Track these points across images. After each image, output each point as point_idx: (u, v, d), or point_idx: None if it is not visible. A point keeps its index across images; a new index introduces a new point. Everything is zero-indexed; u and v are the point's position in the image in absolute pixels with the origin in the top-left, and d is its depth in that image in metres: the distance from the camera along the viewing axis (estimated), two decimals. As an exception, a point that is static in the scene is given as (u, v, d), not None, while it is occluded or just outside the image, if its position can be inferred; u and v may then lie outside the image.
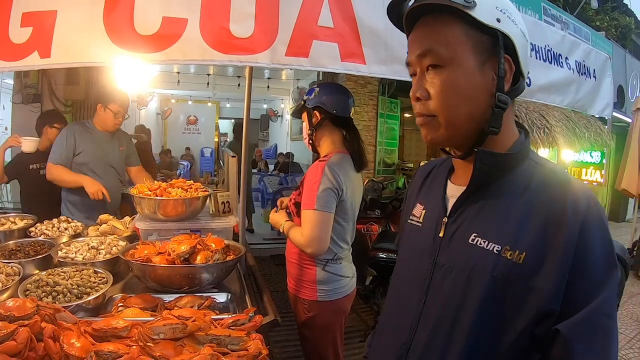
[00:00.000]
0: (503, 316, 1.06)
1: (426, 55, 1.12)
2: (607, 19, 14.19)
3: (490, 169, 1.14)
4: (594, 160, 11.06)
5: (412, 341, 1.23)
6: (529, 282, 1.02)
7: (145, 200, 2.79)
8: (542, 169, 1.15)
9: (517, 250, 1.04)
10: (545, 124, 6.70)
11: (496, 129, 1.11)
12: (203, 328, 1.69)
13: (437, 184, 1.35)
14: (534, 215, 1.06)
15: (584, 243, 1.00)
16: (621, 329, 5.65)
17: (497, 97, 1.09)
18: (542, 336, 1.02)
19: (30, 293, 1.96)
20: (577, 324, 0.99)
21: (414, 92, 1.15)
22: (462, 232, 1.17)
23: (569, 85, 4.03)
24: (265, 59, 2.41)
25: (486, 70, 1.10)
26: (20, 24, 2.21)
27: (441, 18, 1.11)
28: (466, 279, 1.12)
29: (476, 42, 1.09)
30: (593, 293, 0.99)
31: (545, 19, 7.76)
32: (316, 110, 2.71)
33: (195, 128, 17.82)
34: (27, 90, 5.69)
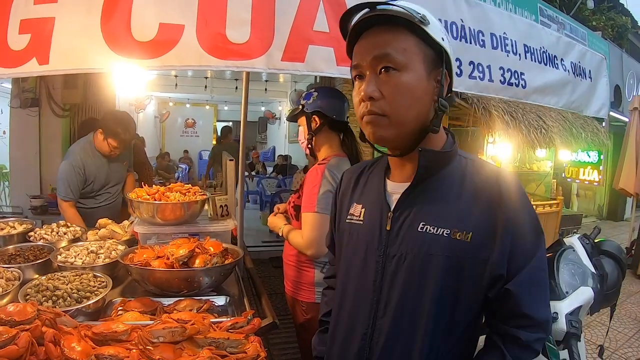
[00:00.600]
0: (460, 290, 1.28)
1: (382, 59, 1.26)
2: (603, 19, 14.18)
3: (432, 164, 1.32)
4: (591, 160, 11.08)
5: (373, 331, 1.37)
6: (478, 256, 1.26)
7: (144, 205, 2.79)
8: (473, 163, 1.38)
9: (464, 231, 1.25)
10: (542, 125, 6.72)
11: (437, 127, 1.31)
12: (202, 331, 1.70)
13: (374, 184, 1.50)
14: (476, 200, 1.28)
15: (518, 218, 1.26)
16: (619, 328, 5.67)
17: (439, 102, 1.29)
18: (493, 297, 1.28)
19: (31, 298, 1.97)
20: (522, 281, 1.25)
21: (367, 92, 1.27)
22: (410, 222, 1.33)
23: (564, 87, 4.05)
24: (262, 64, 2.42)
25: (431, 79, 1.30)
26: (18, 30, 2.21)
27: (396, 29, 1.26)
28: (421, 264, 1.29)
29: (425, 54, 1.28)
30: (530, 255, 1.27)
31: (542, 19, 7.76)
32: (315, 115, 2.71)
33: (193, 131, 17.85)
34: (25, 95, 5.67)
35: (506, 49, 3.52)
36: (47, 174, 5.87)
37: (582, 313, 2.28)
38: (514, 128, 6.17)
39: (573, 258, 2.49)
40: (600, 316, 5.69)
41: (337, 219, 1.63)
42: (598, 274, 2.49)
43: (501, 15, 3.58)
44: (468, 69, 3.27)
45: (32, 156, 5.83)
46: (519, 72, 3.60)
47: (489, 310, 1.34)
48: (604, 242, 2.79)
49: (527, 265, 1.26)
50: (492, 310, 1.33)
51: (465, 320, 1.31)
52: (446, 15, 3.11)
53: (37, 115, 5.82)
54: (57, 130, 5.98)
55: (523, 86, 3.63)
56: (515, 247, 1.25)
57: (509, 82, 3.54)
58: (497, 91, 3.49)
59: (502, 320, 1.30)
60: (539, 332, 1.28)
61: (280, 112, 16.38)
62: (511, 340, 1.28)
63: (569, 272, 2.41)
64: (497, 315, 1.32)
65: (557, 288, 2.27)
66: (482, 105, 6.03)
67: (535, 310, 1.27)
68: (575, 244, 2.61)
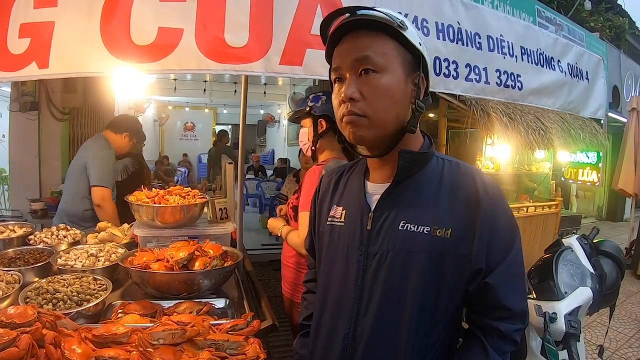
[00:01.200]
0: (441, 285, 1.32)
1: (363, 61, 1.30)
2: (601, 20, 14.19)
3: (410, 165, 1.37)
4: (590, 161, 11.05)
5: (355, 330, 1.39)
6: (458, 251, 1.30)
7: (144, 208, 2.80)
8: (449, 164, 1.42)
9: (444, 228, 1.30)
10: (540, 126, 6.70)
11: (414, 128, 1.35)
12: (202, 333, 1.71)
13: (354, 186, 1.54)
14: (454, 199, 1.33)
15: (495, 215, 1.32)
16: (619, 328, 5.66)
17: (416, 103, 1.34)
18: (473, 291, 1.33)
19: (31, 300, 1.97)
20: (500, 274, 1.30)
21: (348, 93, 1.31)
22: (390, 222, 1.36)
23: (560, 88, 4.07)
24: (260, 68, 2.44)
25: (409, 81, 1.35)
26: (18, 34, 2.23)
27: (376, 33, 1.31)
28: (403, 261, 1.33)
29: (404, 58, 1.33)
30: (506, 250, 1.33)
31: (540, 21, 7.78)
32: (322, 119, 2.71)
33: (192, 134, 17.86)
34: (24, 98, 5.68)
35: (503, 51, 3.53)
36: (47, 178, 5.88)
37: (581, 313, 2.28)
38: (512, 129, 6.15)
39: (572, 258, 2.50)
40: (600, 316, 5.69)
41: (317, 221, 1.66)
42: (597, 274, 2.50)
43: (498, 18, 3.60)
44: (465, 71, 3.29)
45: (31, 160, 5.82)
46: (515, 74, 3.62)
47: (468, 304, 1.39)
48: (603, 242, 2.80)
49: (504, 259, 1.32)
50: (472, 303, 1.38)
51: (447, 314, 1.35)
52: (443, 18, 3.13)
53: (37, 119, 5.81)
54: (57, 134, 5.99)
55: (519, 88, 3.65)
56: (493, 242, 1.31)
57: (505, 84, 3.56)
58: (494, 93, 3.51)
59: (482, 313, 1.36)
60: (517, 323, 1.33)
61: (279, 115, 16.38)
62: (491, 331, 1.33)
63: (568, 273, 2.41)
64: (476, 308, 1.38)
65: (556, 288, 2.28)
66: (481, 107, 6.01)
67: (513, 302, 1.32)
68: (574, 245, 2.62)
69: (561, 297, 2.24)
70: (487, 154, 7.79)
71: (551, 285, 2.30)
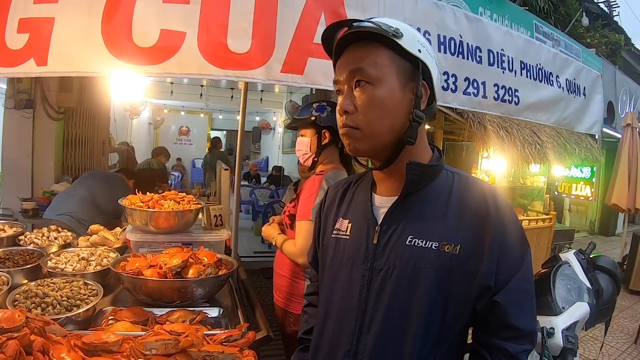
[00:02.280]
0: (448, 303, 1.28)
1: (356, 73, 1.30)
2: (597, 36, 14.36)
3: (419, 178, 1.34)
4: (584, 176, 11.13)
5: (357, 347, 1.36)
6: (467, 268, 1.26)
7: (137, 212, 2.77)
8: (459, 177, 1.39)
9: (452, 244, 1.26)
10: (536, 140, 6.75)
11: (412, 139, 1.31)
12: (196, 344, 1.67)
13: (361, 198, 1.50)
14: (463, 214, 1.30)
15: (505, 231, 1.28)
16: (612, 343, 5.69)
17: (414, 113, 1.30)
18: (480, 309, 1.29)
19: (19, 304, 1.93)
20: (509, 293, 1.27)
21: (342, 105, 1.32)
22: (397, 236, 1.33)
23: (557, 103, 4.08)
24: (261, 75, 2.42)
25: (406, 91, 1.31)
26: (16, 29, 2.19)
27: (371, 44, 1.30)
28: (409, 277, 1.29)
29: (400, 67, 1.30)
30: (516, 267, 1.29)
31: (537, 36, 7.84)
32: (327, 130, 2.69)
33: (187, 139, 17.85)
34: (19, 96, 5.64)
35: (502, 65, 3.54)
36: (39, 177, 5.83)
37: (578, 328, 2.28)
38: (508, 143, 6.19)
39: (569, 273, 2.50)
40: (592, 331, 5.69)
41: (322, 234, 1.62)
42: (594, 289, 2.51)
43: (500, 31, 3.60)
44: (463, 84, 3.29)
45: (24, 158, 5.78)
46: (513, 88, 3.63)
47: (475, 322, 1.35)
48: (599, 257, 2.81)
49: (514, 277, 1.28)
50: (479, 322, 1.34)
51: (453, 332, 1.32)
52: (446, 30, 3.12)
53: (31, 117, 5.77)
54: (51, 133, 5.95)
55: (516, 103, 3.66)
56: (503, 260, 1.27)
57: (502, 98, 3.57)
58: (490, 107, 3.51)
59: (489, 333, 1.31)
60: (525, 344, 1.29)
61: (275, 122, 16.40)
62: (498, 352, 1.28)
63: (565, 288, 2.41)
64: (483, 327, 1.33)
65: (554, 303, 2.28)
66: (478, 120, 6.04)
67: (522, 321, 1.28)
68: (571, 260, 2.62)
69: (559, 312, 2.24)
70: (483, 166, 7.79)
71: (549, 300, 2.30)
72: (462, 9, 3.48)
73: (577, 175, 11.20)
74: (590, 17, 14.32)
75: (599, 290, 2.54)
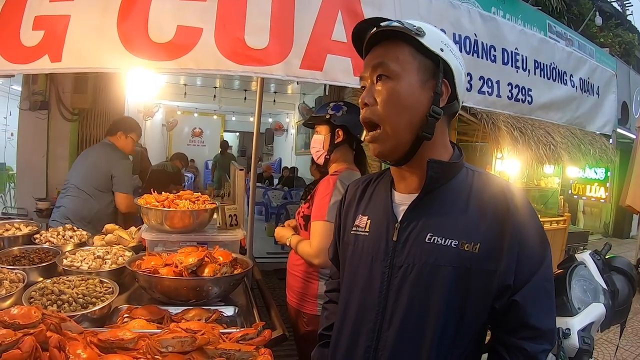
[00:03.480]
0: (467, 301, 1.29)
1: (378, 68, 1.34)
2: (611, 36, 14.25)
3: (439, 175, 1.35)
4: (598, 177, 11.04)
5: (377, 344, 1.37)
6: (486, 267, 1.27)
7: (152, 211, 2.78)
8: (480, 175, 1.40)
9: (472, 242, 1.27)
10: (551, 141, 6.68)
11: (429, 135, 1.32)
12: (212, 342, 1.66)
13: (380, 195, 1.51)
14: (483, 212, 1.31)
15: (524, 230, 1.29)
16: (626, 346, 5.63)
17: (432, 109, 1.31)
18: (499, 308, 1.29)
19: (35, 301, 1.94)
20: (528, 292, 1.27)
21: (363, 98, 1.37)
22: (417, 233, 1.34)
23: (569, 103, 4.06)
24: (280, 71, 2.42)
25: (426, 88, 1.32)
26: (32, 27, 2.20)
27: (395, 42, 1.33)
28: (429, 275, 1.30)
29: (421, 64, 1.32)
30: (536, 266, 1.29)
31: (550, 36, 7.79)
32: (341, 130, 2.69)
33: (200, 140, 17.92)
34: (34, 97, 5.69)
35: (516, 64, 3.52)
36: (54, 177, 5.88)
37: (594, 329, 2.25)
38: (522, 144, 6.14)
39: (584, 274, 2.47)
40: (607, 333, 5.64)
41: (342, 230, 1.63)
42: (609, 290, 2.48)
43: (514, 30, 3.59)
44: (478, 83, 3.28)
45: (39, 159, 5.84)
46: (526, 88, 3.62)
47: (494, 321, 1.35)
48: (615, 258, 2.77)
49: (533, 276, 1.28)
50: (498, 321, 1.34)
51: (472, 330, 1.33)
52: (461, 29, 3.11)
53: (46, 118, 5.83)
54: (66, 134, 6.00)
55: (529, 102, 3.65)
56: (522, 258, 1.28)
57: (516, 98, 3.55)
58: (504, 107, 3.50)
59: (508, 332, 1.31)
60: (544, 344, 1.29)
61: (288, 124, 16.39)
62: (516, 351, 1.29)
63: (581, 288, 2.38)
64: (502, 326, 1.34)
65: (569, 304, 2.25)
66: (492, 121, 6.00)
67: (541, 321, 1.28)
68: (586, 260, 2.59)
69: (574, 313, 2.21)
70: (497, 168, 7.75)
71: (565, 300, 2.27)
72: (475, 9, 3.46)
73: (592, 176, 11.10)
74: (604, 16, 14.19)
75: (615, 291, 2.51)
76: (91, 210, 3.97)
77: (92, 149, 4.30)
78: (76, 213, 3.91)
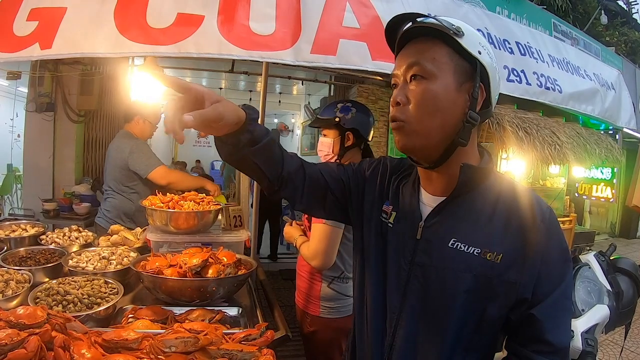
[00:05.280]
0: (484, 309, 1.27)
1: (413, 67, 1.28)
2: (616, 34, 14.22)
3: (470, 181, 1.32)
4: (604, 177, 10.98)
5: (393, 340, 1.39)
6: (507, 278, 1.24)
7: (157, 212, 2.79)
8: (508, 183, 1.37)
9: (494, 252, 1.25)
10: (556, 141, 6.66)
11: (465, 141, 1.28)
12: (215, 342, 1.67)
13: (407, 190, 1.48)
14: (509, 222, 1.28)
15: (549, 245, 1.26)
16: (632, 347, 5.61)
17: (468, 114, 1.26)
18: (515, 319, 1.27)
19: (41, 301, 1.95)
20: (547, 307, 1.24)
21: (395, 97, 1.31)
22: (441, 236, 1.32)
23: (594, 95, 3.97)
24: (289, 57, 2.35)
25: (462, 91, 1.27)
26: (26, 18, 2.16)
27: (432, 41, 1.28)
28: (448, 280, 1.29)
29: (457, 65, 1.27)
30: (556, 282, 1.26)
31: (556, 35, 7.74)
32: (351, 132, 2.64)
33: (206, 141, 17.86)
34: (40, 99, 5.73)
35: (533, 56, 3.45)
36: (60, 179, 5.92)
37: (598, 331, 2.25)
38: (528, 144, 6.12)
39: (589, 275, 2.46)
40: (612, 335, 5.61)
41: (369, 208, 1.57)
42: (614, 291, 2.47)
43: (521, 29, 3.55)
44: (504, 72, 3.21)
45: (45, 160, 5.87)
46: (552, 77, 3.53)
47: (508, 331, 1.33)
48: (620, 259, 2.76)
49: (553, 292, 1.25)
50: (512, 331, 1.32)
51: (486, 340, 1.32)
52: (470, 22, 3.07)
53: (52, 120, 5.88)
54: (72, 136, 6.04)
55: (559, 91, 3.55)
56: (543, 273, 1.25)
57: (546, 86, 3.47)
58: (537, 95, 3.40)
59: (522, 344, 1.29)
60: (556, 359, 1.26)
61: (293, 124, 16.36)
62: None
63: (585, 290, 2.38)
64: (517, 338, 1.31)
65: (573, 305, 2.24)
66: (497, 121, 5.99)
67: (557, 337, 1.26)
68: (591, 261, 2.59)
69: (578, 315, 2.20)
70: (502, 168, 7.73)
71: (569, 302, 2.26)
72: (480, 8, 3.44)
73: (598, 176, 11.05)
74: (609, 15, 14.14)
75: (619, 292, 2.50)
76: (131, 208, 4.03)
77: (111, 145, 4.23)
78: (118, 210, 4.03)
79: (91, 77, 5.91)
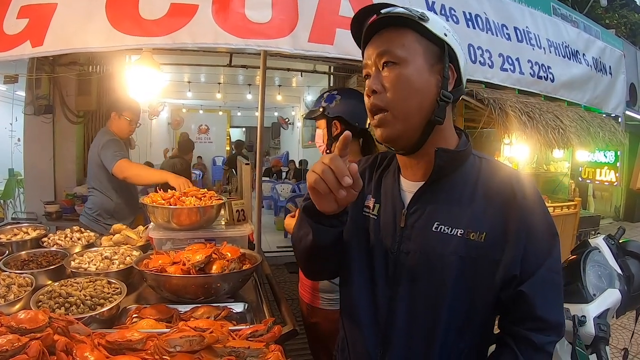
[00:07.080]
0: (474, 290, 1.30)
1: (384, 55, 1.32)
2: (616, 17, 14.16)
3: (447, 164, 1.35)
4: (608, 160, 10.93)
5: (387, 329, 1.40)
6: (492, 256, 1.28)
7: (159, 209, 2.77)
8: (487, 162, 1.41)
9: (478, 232, 1.28)
10: (559, 125, 6.61)
11: (440, 119, 1.32)
12: (221, 340, 1.64)
13: (388, 181, 1.52)
14: (490, 201, 1.31)
15: (532, 220, 1.29)
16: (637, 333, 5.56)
17: (441, 93, 1.31)
18: (506, 298, 1.30)
19: (43, 304, 1.92)
20: (535, 283, 1.27)
21: (371, 85, 1.34)
22: (424, 221, 1.35)
23: (587, 82, 4.01)
24: (287, 45, 2.35)
25: (434, 72, 1.33)
26: (16, 15, 2.15)
27: (399, 28, 1.33)
28: (434, 264, 1.32)
29: (426, 49, 1.32)
30: (543, 257, 1.29)
31: (555, 18, 7.71)
32: (337, 121, 2.57)
33: (207, 137, 17.93)
34: (38, 102, 5.72)
35: (531, 42, 3.49)
36: (61, 180, 5.92)
37: (610, 316, 2.23)
38: (531, 129, 6.07)
39: (599, 259, 2.45)
40: (621, 319, 5.58)
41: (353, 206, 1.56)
42: (624, 275, 2.46)
43: (521, 10, 3.53)
44: (498, 61, 3.24)
45: (46, 162, 5.87)
46: (546, 65, 3.56)
47: (501, 311, 1.37)
48: (629, 242, 2.75)
49: (541, 267, 1.28)
50: (505, 311, 1.35)
51: (478, 321, 1.35)
52: (470, 8, 3.06)
53: (51, 122, 5.88)
54: (71, 137, 6.04)
55: (552, 80, 3.60)
56: (529, 248, 1.28)
57: (538, 75, 3.52)
58: (529, 84, 3.45)
59: (515, 322, 1.32)
60: (551, 335, 1.30)
61: (294, 117, 16.40)
62: (524, 342, 1.29)
63: (595, 274, 2.36)
64: (509, 316, 1.35)
65: (584, 290, 2.23)
66: (499, 106, 5.94)
67: (549, 313, 1.29)
68: (600, 245, 2.57)
69: (590, 300, 2.19)
70: (505, 153, 7.70)
71: (579, 287, 2.25)
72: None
73: (601, 159, 11.00)
74: (609, -3, 14.09)
75: (630, 276, 2.48)
76: (110, 205, 4.05)
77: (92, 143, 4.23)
78: (98, 208, 4.05)
79: (88, 77, 5.89)
